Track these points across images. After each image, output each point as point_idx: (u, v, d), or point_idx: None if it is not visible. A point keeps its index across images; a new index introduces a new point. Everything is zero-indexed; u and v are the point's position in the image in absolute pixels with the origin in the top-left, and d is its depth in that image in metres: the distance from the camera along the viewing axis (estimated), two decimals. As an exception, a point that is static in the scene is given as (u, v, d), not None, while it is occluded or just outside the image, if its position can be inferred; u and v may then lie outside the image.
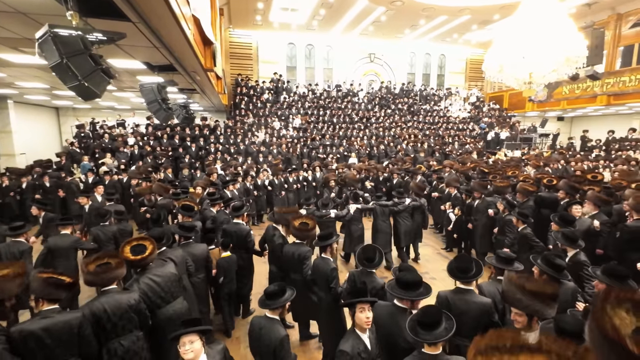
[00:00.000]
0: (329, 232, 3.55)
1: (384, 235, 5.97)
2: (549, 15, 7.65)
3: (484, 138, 15.87)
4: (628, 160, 10.00)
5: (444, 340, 1.90)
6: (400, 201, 6.11)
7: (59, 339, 2.26)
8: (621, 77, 13.51)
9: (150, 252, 2.96)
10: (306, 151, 12.52)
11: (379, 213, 6.00)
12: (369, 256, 3.07)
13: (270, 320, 2.41)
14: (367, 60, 19.77)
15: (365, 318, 2.13)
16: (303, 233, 3.71)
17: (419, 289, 2.39)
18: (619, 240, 4.57)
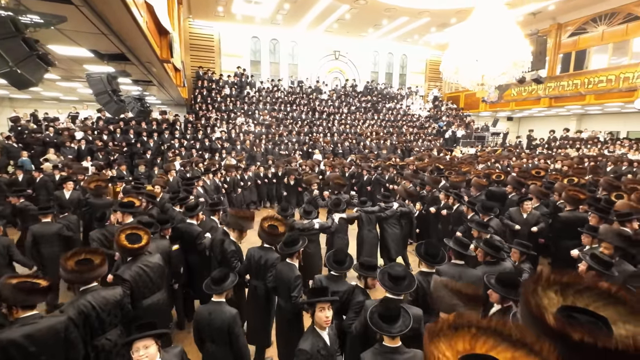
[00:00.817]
0: (295, 238, 3.25)
1: (370, 246, 5.22)
2: (499, 22, 8.17)
3: (442, 136, 16.69)
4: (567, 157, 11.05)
5: (403, 334, 1.98)
6: (388, 206, 5.39)
7: (44, 345, 2.15)
8: (560, 81, 14.84)
9: (147, 241, 3.07)
10: (271, 147, 12.36)
11: (365, 221, 5.18)
12: (339, 259, 3.01)
13: (219, 303, 2.55)
14: (332, 57, 19.88)
15: (325, 317, 2.17)
16: (272, 237, 3.39)
17: (405, 281, 2.55)
18: (553, 229, 5.04)
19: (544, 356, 0.84)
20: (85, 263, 2.54)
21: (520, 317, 1.02)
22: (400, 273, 2.55)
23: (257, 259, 3.37)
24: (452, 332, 0.95)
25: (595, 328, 0.90)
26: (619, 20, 13.44)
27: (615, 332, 0.90)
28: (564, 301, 1.02)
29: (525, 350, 0.87)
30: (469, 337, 0.93)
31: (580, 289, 1.02)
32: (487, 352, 0.89)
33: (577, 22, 14.76)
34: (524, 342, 0.88)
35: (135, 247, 2.99)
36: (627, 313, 0.95)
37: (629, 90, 12.50)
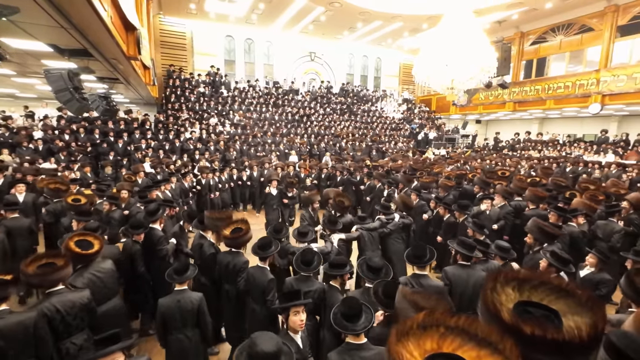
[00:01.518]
0: (269, 241, 3.18)
1: None
2: (467, 29, 8.52)
3: (415, 137, 17.14)
4: (530, 159, 11.70)
5: (366, 330, 2.02)
6: (389, 219, 4.76)
7: (13, 339, 2.17)
8: (523, 87, 15.71)
9: (99, 247, 3.00)
10: (246, 149, 12.16)
11: (367, 241, 4.45)
12: (307, 259, 2.98)
13: (183, 291, 2.80)
14: (307, 58, 19.90)
15: (300, 320, 2.16)
16: (237, 241, 3.33)
17: (382, 271, 2.75)
18: (520, 227, 5.29)
19: (506, 355, 0.86)
20: (48, 266, 2.49)
21: (480, 314, 1.06)
22: (378, 264, 2.77)
23: (226, 263, 3.34)
24: (420, 331, 0.95)
25: (546, 321, 0.95)
26: (575, 31, 14.42)
27: (564, 324, 0.95)
28: (521, 296, 1.06)
29: (490, 349, 0.89)
30: (437, 336, 0.94)
31: (535, 284, 1.08)
32: (454, 351, 0.90)
33: (537, 31, 15.68)
34: (489, 341, 0.90)
35: (87, 253, 2.90)
36: (576, 305, 1.01)
37: (583, 96, 13.44)
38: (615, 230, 4.28)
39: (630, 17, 12.56)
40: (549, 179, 7.00)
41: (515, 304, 1.03)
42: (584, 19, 13.84)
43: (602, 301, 1.02)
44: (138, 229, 3.61)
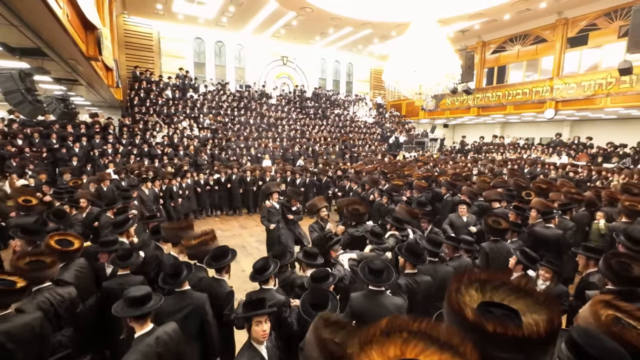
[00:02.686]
0: (224, 250, 2.98)
1: None
2: (432, 37, 8.87)
3: (386, 141, 17.56)
4: (493, 161, 12.34)
5: None
6: (404, 235, 4.17)
7: (21, 342, 2.15)
8: (486, 93, 16.59)
9: (80, 244, 3.06)
10: (217, 153, 11.87)
11: None
12: (259, 266, 2.76)
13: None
14: (280, 62, 19.85)
15: (262, 331, 2.08)
16: (200, 251, 3.06)
17: (384, 274, 2.63)
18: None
19: (467, 358, 0.88)
20: (37, 263, 2.54)
21: (444, 315, 1.09)
22: (379, 266, 2.63)
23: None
24: (384, 338, 0.95)
25: (507, 319, 1.00)
26: (531, 41, 15.46)
27: (524, 322, 1.00)
28: (483, 297, 1.10)
29: (451, 352, 0.90)
30: (401, 341, 0.94)
31: (496, 285, 1.12)
32: (417, 356, 0.90)
33: (497, 41, 16.66)
34: (451, 345, 0.91)
35: (70, 250, 2.97)
36: (534, 304, 1.07)
37: (539, 102, 14.41)
38: (568, 227, 4.60)
39: (578, 29, 13.66)
40: (512, 179, 7.41)
41: (478, 304, 1.06)
42: (538, 30, 14.88)
43: (557, 299, 1.07)
44: (107, 247, 3.25)
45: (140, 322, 2.08)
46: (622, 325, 1.35)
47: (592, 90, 12.61)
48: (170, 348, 2.10)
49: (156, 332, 2.10)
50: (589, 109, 13.12)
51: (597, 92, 12.45)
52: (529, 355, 0.95)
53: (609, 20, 12.76)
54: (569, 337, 1.21)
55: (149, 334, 2.07)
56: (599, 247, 3.28)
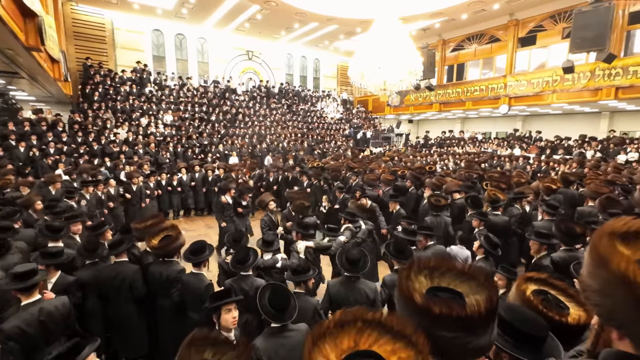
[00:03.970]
0: (202, 245, 3.05)
1: None
2: (395, 34, 9.10)
3: (354, 137, 17.81)
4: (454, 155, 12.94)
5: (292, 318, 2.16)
6: (357, 226, 4.52)
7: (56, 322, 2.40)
8: (447, 89, 17.31)
9: None
10: (181, 151, 11.40)
11: None
12: (240, 258, 2.95)
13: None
14: (245, 57, 19.40)
15: (232, 318, 2.17)
16: (167, 249, 3.11)
17: (360, 263, 2.86)
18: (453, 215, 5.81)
19: (419, 348, 0.91)
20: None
21: (396, 302, 1.13)
22: (355, 256, 2.87)
23: (158, 275, 3.09)
24: (338, 330, 0.95)
25: (452, 301, 1.05)
26: (486, 41, 16.32)
27: (467, 302, 1.06)
28: (431, 283, 1.16)
29: (404, 341, 0.93)
30: (355, 332, 0.95)
31: (443, 271, 1.18)
32: (371, 346, 0.91)
33: (456, 39, 17.41)
34: (404, 334, 0.94)
35: None
36: (476, 286, 1.13)
37: (495, 99, 15.28)
38: (513, 214, 4.95)
39: (527, 30, 14.62)
40: (466, 172, 7.82)
41: (427, 289, 1.11)
42: (492, 30, 15.74)
43: (495, 281, 1.15)
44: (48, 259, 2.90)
45: (25, 294, 2.34)
46: (548, 298, 1.48)
47: (540, 87, 13.58)
48: (54, 318, 2.39)
49: (42, 303, 2.39)
50: (538, 104, 14.14)
51: (544, 89, 13.44)
52: (472, 332, 1.01)
53: (554, 22, 13.78)
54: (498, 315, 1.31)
55: (34, 304, 2.36)
56: (549, 233, 3.53)
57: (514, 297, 1.54)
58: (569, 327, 1.42)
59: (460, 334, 1.01)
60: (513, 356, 1.26)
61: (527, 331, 1.28)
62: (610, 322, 0.83)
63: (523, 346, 1.27)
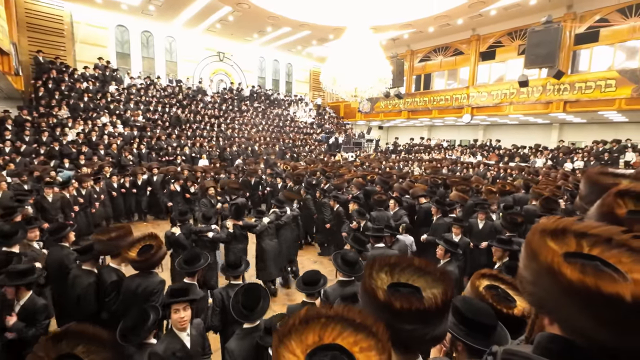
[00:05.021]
0: (197, 254, 2.99)
1: (275, 255, 4.96)
2: (366, 43, 9.37)
3: (326, 142, 18.01)
4: (423, 161, 13.48)
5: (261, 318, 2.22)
6: (282, 211, 5.34)
7: None
8: (414, 98, 18.03)
9: None
10: (145, 152, 10.93)
11: (266, 231, 4.97)
12: (233, 262, 2.99)
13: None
14: (216, 58, 19.04)
15: (179, 318, 2.15)
16: (148, 262, 2.86)
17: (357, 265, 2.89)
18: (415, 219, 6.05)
19: (379, 336, 0.96)
20: None
21: (360, 298, 1.19)
22: (353, 258, 2.87)
23: (134, 288, 2.83)
24: (303, 326, 0.97)
25: (411, 296, 1.13)
26: (451, 53, 17.23)
27: (424, 296, 1.14)
28: (392, 279, 1.23)
29: (365, 332, 0.97)
30: (319, 327, 0.97)
31: (403, 267, 1.25)
32: (334, 340, 0.94)
33: (424, 50, 18.22)
34: (365, 325, 0.98)
35: None
36: (433, 280, 1.22)
37: (458, 108, 16.14)
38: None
39: (487, 45, 15.63)
40: (432, 177, 8.19)
41: (388, 285, 1.18)
42: (457, 44, 16.66)
43: (450, 275, 1.25)
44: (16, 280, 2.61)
45: None
46: (498, 292, 1.63)
47: (499, 98, 14.54)
48: None
49: None
50: (497, 114, 15.11)
51: (503, 101, 14.40)
52: (429, 323, 1.09)
53: (511, 39, 14.84)
54: (453, 305, 1.43)
55: None
56: (510, 239, 3.67)
57: (469, 292, 1.67)
58: (515, 318, 1.56)
59: (419, 326, 1.08)
60: (467, 344, 1.37)
61: (479, 321, 1.41)
62: (541, 309, 0.94)
63: (476, 334, 1.39)
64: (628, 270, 0.86)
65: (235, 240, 4.68)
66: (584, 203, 1.66)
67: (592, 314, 0.78)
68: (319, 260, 6.61)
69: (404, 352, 1.14)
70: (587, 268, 0.82)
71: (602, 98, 11.71)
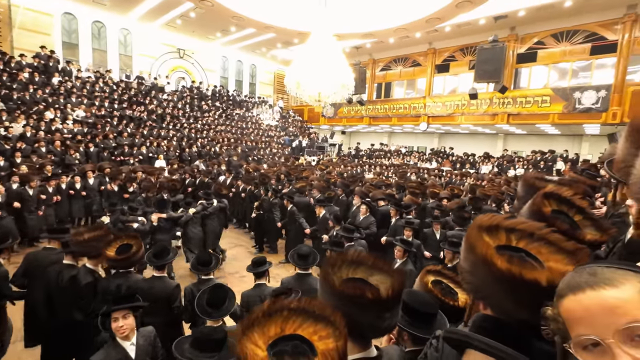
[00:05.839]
0: (165, 247, 3.18)
1: (197, 241, 5.70)
2: (330, 49, 9.59)
3: (290, 145, 18.01)
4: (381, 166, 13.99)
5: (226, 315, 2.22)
6: (209, 203, 6.04)
7: None
8: (375, 105, 18.71)
9: None
10: (94, 151, 10.16)
11: (191, 221, 5.66)
12: (204, 260, 3.06)
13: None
14: (176, 55, 18.29)
15: (118, 327, 1.95)
16: (128, 262, 2.82)
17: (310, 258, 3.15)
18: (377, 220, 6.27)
19: (336, 325, 1.02)
20: None
21: (319, 289, 1.27)
22: (306, 251, 3.14)
23: (114, 288, 2.77)
24: (265, 319, 1.01)
25: (363, 285, 1.22)
26: (410, 64, 18.16)
27: (373, 284, 1.24)
28: (347, 274, 1.31)
29: (324, 322, 1.03)
30: (281, 320, 1.01)
31: (354, 261, 1.35)
32: (295, 331, 0.98)
33: (385, 60, 19.00)
34: (324, 316, 1.04)
35: None
36: (385, 276, 1.32)
37: (416, 116, 17.02)
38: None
39: (442, 59, 16.71)
40: (394, 181, 8.57)
41: (345, 279, 1.26)
42: (415, 55, 17.61)
43: (401, 270, 1.36)
44: None
45: None
46: (442, 286, 1.79)
47: (452, 109, 15.57)
48: None
49: None
50: (451, 124, 16.17)
51: (455, 111, 15.45)
52: (382, 313, 1.19)
53: (463, 54, 16.01)
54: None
55: None
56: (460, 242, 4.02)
57: (419, 286, 1.81)
58: (458, 309, 1.72)
59: (372, 316, 1.18)
60: (411, 333, 1.49)
61: (421, 310, 1.56)
62: (477, 295, 1.08)
63: (419, 324, 1.54)
64: (545, 259, 1.02)
65: (160, 232, 5.21)
66: (521, 203, 1.88)
67: (517, 296, 0.91)
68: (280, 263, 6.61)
69: (358, 340, 1.22)
70: (513, 259, 0.96)
71: (539, 112, 13.04)
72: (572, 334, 0.61)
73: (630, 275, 0.58)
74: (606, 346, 0.55)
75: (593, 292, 0.58)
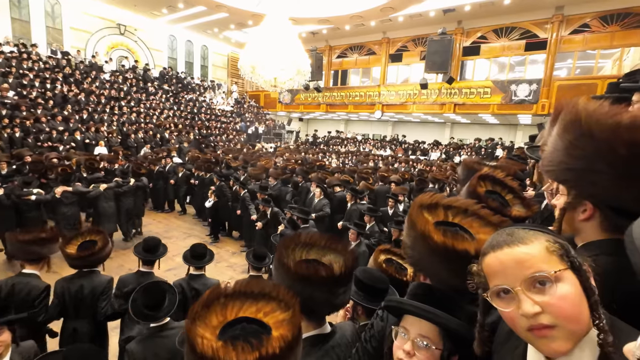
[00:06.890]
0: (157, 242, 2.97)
1: (109, 217, 5.97)
2: (286, 33, 9.38)
3: (246, 131, 17.51)
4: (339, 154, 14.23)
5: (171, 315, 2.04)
6: (125, 181, 6.40)
7: None
8: (332, 92, 18.82)
9: None
10: (19, 136, 9.01)
11: (102, 196, 5.92)
12: (199, 253, 2.87)
13: None
14: (116, 30, 16.61)
15: None
16: (90, 259, 2.58)
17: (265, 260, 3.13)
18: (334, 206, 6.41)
19: (280, 297, 1.04)
20: None
21: (274, 274, 1.29)
22: (263, 253, 3.11)
23: (75, 291, 2.52)
24: (205, 311, 0.97)
25: (317, 265, 1.27)
26: (365, 52, 18.42)
27: (326, 263, 1.30)
28: (301, 255, 1.35)
29: (265, 299, 1.02)
30: (219, 308, 0.98)
31: (307, 243, 1.39)
32: (237, 315, 0.97)
33: (341, 47, 19.06)
34: (264, 293, 1.03)
35: None
36: (337, 255, 1.38)
37: (371, 104, 17.45)
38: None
39: (396, 48, 17.19)
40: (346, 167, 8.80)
41: (298, 260, 1.30)
42: (370, 44, 17.89)
43: (353, 249, 1.43)
44: None
45: None
46: (393, 263, 1.94)
47: (405, 98, 16.21)
48: None
49: None
50: (403, 112, 16.85)
51: (407, 100, 16.10)
52: (333, 290, 1.25)
53: (414, 45, 16.61)
54: (354, 276, 1.65)
55: None
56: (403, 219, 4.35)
57: (372, 264, 1.93)
58: (408, 282, 1.87)
59: (327, 293, 1.23)
60: (365, 307, 1.60)
61: (374, 285, 1.67)
62: (417, 267, 1.18)
63: (372, 298, 1.65)
64: (476, 232, 1.15)
65: (64, 205, 5.41)
66: (461, 185, 2.05)
67: (450, 265, 1.02)
68: (237, 252, 6.53)
69: (313, 318, 1.28)
70: (448, 232, 1.06)
71: (481, 103, 14.09)
72: (490, 285, 0.71)
73: (540, 234, 0.69)
74: (514, 293, 0.65)
75: (508, 249, 0.68)
